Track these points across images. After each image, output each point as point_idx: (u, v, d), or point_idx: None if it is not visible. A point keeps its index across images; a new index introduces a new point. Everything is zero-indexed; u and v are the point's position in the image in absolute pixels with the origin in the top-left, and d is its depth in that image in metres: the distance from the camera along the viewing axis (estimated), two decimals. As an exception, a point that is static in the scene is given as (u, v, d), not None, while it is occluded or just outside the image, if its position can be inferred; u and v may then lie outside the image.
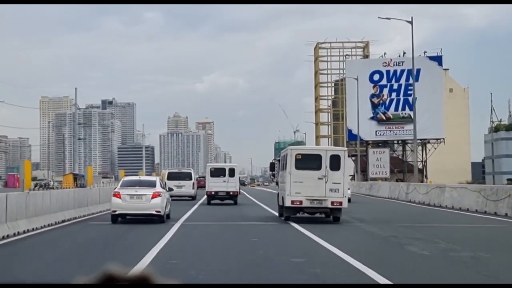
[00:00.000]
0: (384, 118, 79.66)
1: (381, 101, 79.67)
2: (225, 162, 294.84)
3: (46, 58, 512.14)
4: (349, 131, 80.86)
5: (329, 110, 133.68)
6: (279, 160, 25.54)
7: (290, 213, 21.47)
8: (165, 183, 25.19)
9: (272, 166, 27.47)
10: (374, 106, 79.50)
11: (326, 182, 20.85)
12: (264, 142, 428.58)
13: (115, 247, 14.86)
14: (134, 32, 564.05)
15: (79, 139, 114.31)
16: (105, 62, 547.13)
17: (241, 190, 43.39)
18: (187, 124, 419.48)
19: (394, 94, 79.55)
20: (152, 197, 20.59)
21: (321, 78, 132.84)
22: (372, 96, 79.39)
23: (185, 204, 33.08)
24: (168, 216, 21.87)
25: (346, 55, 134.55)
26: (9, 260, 12.67)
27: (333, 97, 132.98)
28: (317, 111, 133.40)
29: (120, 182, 22.34)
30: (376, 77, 78.90)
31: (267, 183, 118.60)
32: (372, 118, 78.79)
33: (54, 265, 11.64)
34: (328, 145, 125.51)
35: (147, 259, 11.88)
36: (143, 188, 21.14)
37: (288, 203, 21.08)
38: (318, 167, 20.96)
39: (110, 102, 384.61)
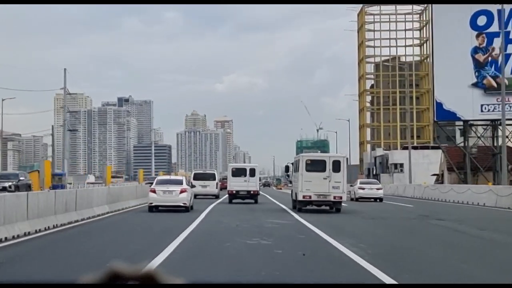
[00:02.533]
0: (494, 84, 51.31)
1: (490, 58, 51.38)
2: (244, 162, 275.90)
3: (66, 57, 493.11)
4: (439, 105, 52.51)
5: (375, 92, 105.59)
6: (292, 164, 31.97)
7: (302, 205, 27.33)
8: (191, 181, 34.48)
9: (287, 168, 35.26)
10: (479, 66, 51.03)
11: (329, 181, 26.94)
12: (285, 141, 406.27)
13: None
14: (154, 31, 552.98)
15: (69, 130, 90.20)
16: (124, 61, 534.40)
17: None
18: (205, 122, 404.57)
19: (511, 47, 51.25)
20: (180, 192, 26.30)
21: (367, 51, 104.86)
22: (475, 50, 51.05)
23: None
24: (191, 207, 27.31)
25: (398, 22, 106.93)
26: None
27: (377, 76, 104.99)
28: (362, 93, 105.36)
29: (155, 181, 28.57)
30: (481, 20, 50.42)
31: (290, 184, 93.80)
32: (475, 84, 50.56)
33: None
34: (372, 138, 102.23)
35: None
36: (173, 185, 27.09)
37: (300, 198, 27.26)
38: (323, 170, 27.09)
39: (127, 100, 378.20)
